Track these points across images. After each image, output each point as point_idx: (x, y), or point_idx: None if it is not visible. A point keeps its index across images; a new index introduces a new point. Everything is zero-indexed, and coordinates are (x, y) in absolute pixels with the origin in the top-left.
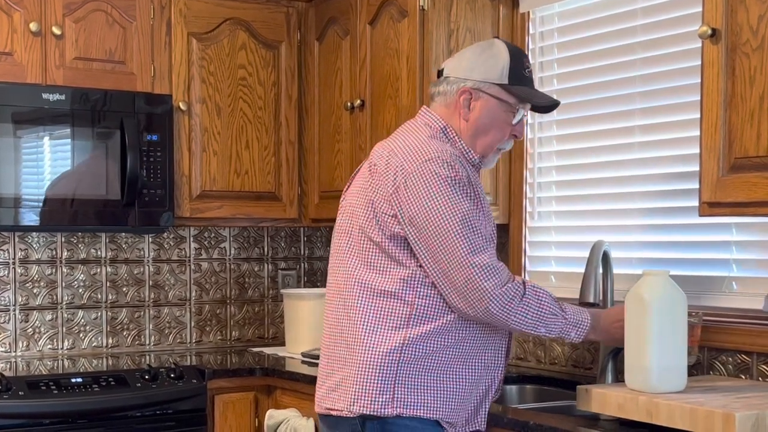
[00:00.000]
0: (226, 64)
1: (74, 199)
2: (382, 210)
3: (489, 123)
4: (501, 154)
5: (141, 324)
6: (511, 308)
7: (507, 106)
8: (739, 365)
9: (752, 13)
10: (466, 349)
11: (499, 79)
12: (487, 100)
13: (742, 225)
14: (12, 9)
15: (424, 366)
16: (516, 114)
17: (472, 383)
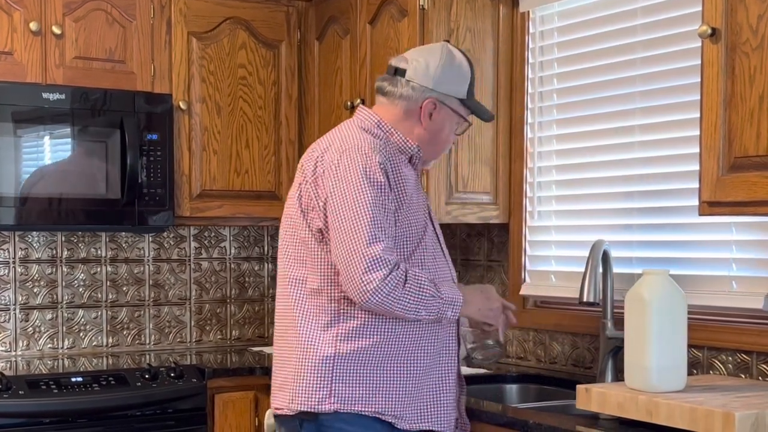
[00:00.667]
0: (226, 64)
1: (74, 198)
2: (307, 205)
3: (443, 132)
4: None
5: (141, 323)
6: (394, 297)
7: (460, 118)
8: (739, 364)
9: (752, 12)
10: (404, 341)
11: (460, 94)
12: (447, 113)
13: (742, 224)
14: (12, 8)
15: (361, 361)
16: (464, 128)
17: (418, 376)
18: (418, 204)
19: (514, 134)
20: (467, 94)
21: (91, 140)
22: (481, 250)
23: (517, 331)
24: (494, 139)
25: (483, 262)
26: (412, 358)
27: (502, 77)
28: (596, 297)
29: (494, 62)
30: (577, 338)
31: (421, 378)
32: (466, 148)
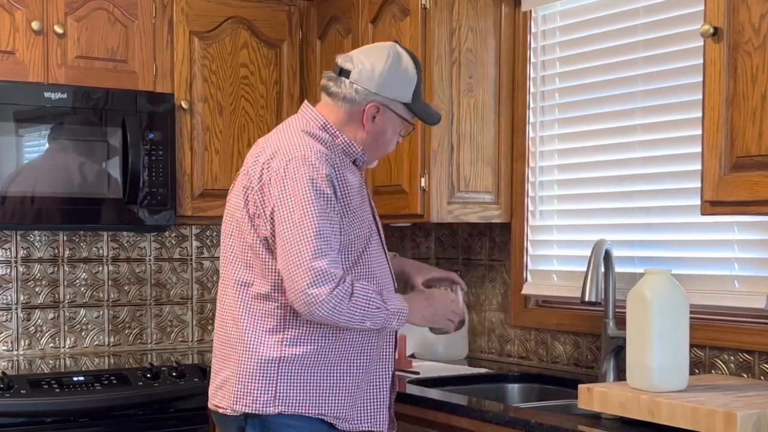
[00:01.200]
0: (228, 63)
1: (76, 197)
2: (254, 212)
3: (386, 135)
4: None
5: (143, 322)
6: (340, 310)
7: (404, 121)
8: (741, 364)
9: (754, 11)
10: (346, 347)
11: (405, 99)
12: (390, 116)
13: (744, 224)
14: (14, 8)
15: (305, 365)
16: (407, 131)
17: (358, 379)
18: (362, 210)
19: (516, 133)
20: (412, 97)
21: (92, 140)
22: (482, 250)
23: (519, 330)
24: (496, 139)
25: (485, 262)
26: (353, 362)
27: (504, 76)
28: (598, 296)
29: (496, 61)
30: (578, 338)
31: (361, 381)
32: (468, 147)
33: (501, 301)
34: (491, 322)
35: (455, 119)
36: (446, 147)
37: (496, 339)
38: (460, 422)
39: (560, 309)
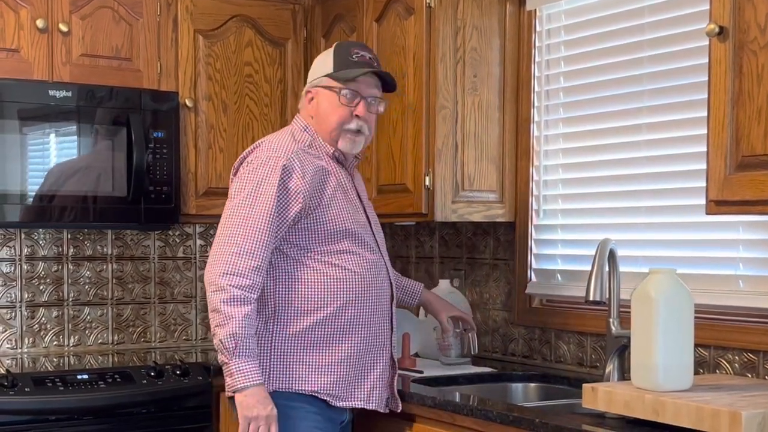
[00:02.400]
0: (233, 61)
1: (80, 196)
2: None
3: (325, 110)
4: (362, 138)
5: (147, 321)
6: (219, 312)
7: (334, 90)
8: (746, 364)
9: (760, 10)
10: (337, 327)
11: (326, 71)
12: (320, 92)
13: (749, 223)
14: (19, 6)
15: (296, 345)
16: (346, 95)
17: (350, 359)
18: (343, 201)
19: (521, 132)
20: (335, 67)
21: (97, 138)
22: (487, 249)
23: (523, 329)
24: (500, 138)
25: (489, 261)
26: (345, 341)
27: (508, 75)
28: (602, 296)
29: (501, 60)
30: (583, 337)
31: (354, 361)
32: (472, 146)
33: (505, 300)
34: (495, 321)
35: (460, 118)
36: (450, 146)
37: (500, 338)
38: (464, 421)
39: (564, 308)
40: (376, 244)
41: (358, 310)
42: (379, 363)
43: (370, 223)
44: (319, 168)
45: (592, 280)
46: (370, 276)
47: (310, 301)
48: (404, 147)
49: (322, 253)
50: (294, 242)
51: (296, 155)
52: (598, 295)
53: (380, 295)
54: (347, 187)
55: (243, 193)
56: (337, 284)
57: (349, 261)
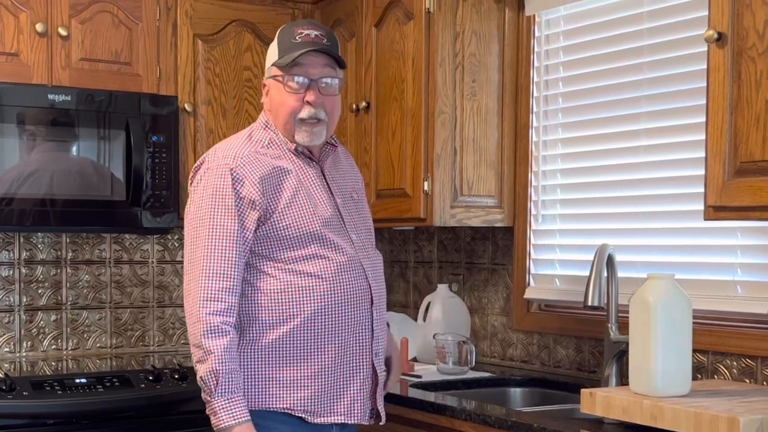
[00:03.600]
0: (232, 66)
1: (79, 199)
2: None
3: (276, 100)
4: (321, 126)
5: (145, 325)
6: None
7: (280, 78)
8: (744, 369)
9: (758, 17)
10: (307, 338)
11: (273, 59)
12: (270, 84)
13: (747, 229)
14: (18, 10)
15: (264, 359)
16: (291, 83)
17: (324, 371)
18: (305, 202)
19: (519, 138)
20: (279, 53)
21: (96, 142)
22: (485, 254)
23: (521, 334)
24: (499, 143)
25: (487, 266)
26: (318, 354)
27: (507, 80)
28: (601, 301)
29: (500, 65)
30: (581, 342)
31: (329, 373)
32: (471, 151)
33: (503, 305)
34: (494, 326)
35: (458, 123)
36: (449, 151)
37: (498, 343)
38: (462, 426)
39: (563, 313)
40: (350, 245)
41: (329, 319)
42: (359, 373)
43: (344, 222)
44: (275, 169)
45: (590, 285)
46: (341, 281)
47: (275, 312)
48: (403, 152)
49: (284, 261)
50: (255, 251)
51: (246, 159)
52: (597, 301)
53: (354, 300)
54: (314, 184)
55: (201, 210)
56: (302, 293)
57: (314, 267)
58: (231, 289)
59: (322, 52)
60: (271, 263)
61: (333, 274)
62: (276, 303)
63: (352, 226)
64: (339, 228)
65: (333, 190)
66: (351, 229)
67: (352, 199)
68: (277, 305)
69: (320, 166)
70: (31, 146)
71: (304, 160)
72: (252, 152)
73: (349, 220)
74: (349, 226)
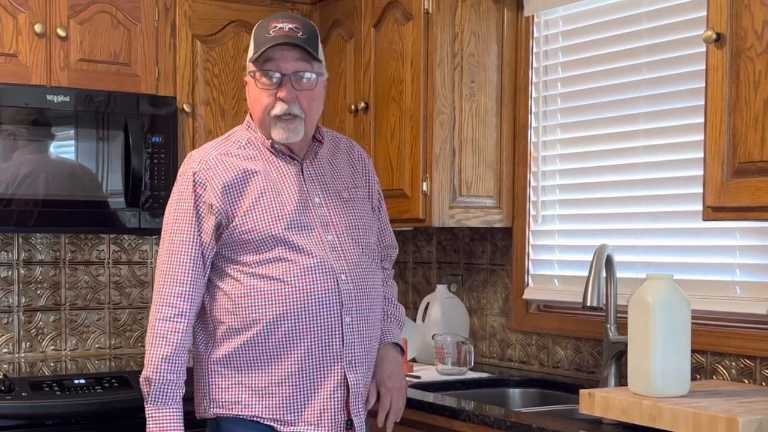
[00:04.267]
0: (231, 67)
1: (78, 200)
2: None
3: (252, 98)
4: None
5: (144, 325)
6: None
7: (253, 73)
8: (743, 370)
9: (757, 17)
10: (272, 344)
11: (251, 57)
12: (248, 79)
13: (746, 230)
14: (17, 10)
15: (231, 365)
16: (262, 78)
17: (293, 378)
18: (271, 204)
19: (518, 138)
20: (255, 49)
21: (95, 142)
22: (484, 254)
23: (520, 335)
24: (498, 143)
25: (486, 266)
26: (284, 359)
27: (506, 81)
28: (600, 301)
29: (498, 66)
30: (580, 343)
31: (297, 379)
32: (470, 152)
33: (502, 306)
34: (492, 327)
35: (457, 123)
36: (448, 151)
37: (497, 343)
38: (461, 427)
39: (562, 314)
40: (320, 247)
41: (294, 323)
42: (328, 381)
43: (318, 222)
44: (241, 172)
45: (589, 285)
46: (304, 284)
47: (239, 317)
48: (402, 152)
49: (248, 264)
50: (221, 254)
51: (211, 164)
52: (596, 301)
53: (319, 303)
54: (286, 184)
55: (167, 215)
56: (264, 297)
57: (276, 270)
58: (183, 294)
59: (295, 45)
60: (236, 266)
61: (295, 277)
62: (239, 307)
63: (329, 227)
64: (309, 229)
65: (309, 190)
66: (326, 229)
67: (340, 198)
68: (241, 309)
69: (301, 165)
70: (29, 147)
71: (281, 158)
72: (221, 155)
73: (325, 221)
74: (324, 226)
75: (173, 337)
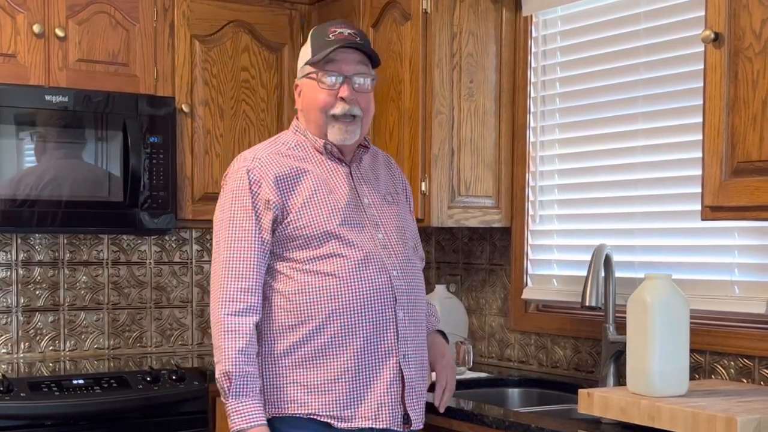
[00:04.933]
0: (229, 67)
1: (77, 200)
2: None
3: (308, 98)
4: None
5: (143, 326)
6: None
7: (314, 75)
8: (741, 369)
9: (755, 17)
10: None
11: (306, 59)
12: (303, 83)
13: (745, 229)
14: (15, 11)
15: (285, 362)
16: (325, 79)
17: (348, 374)
18: (324, 201)
19: (517, 138)
20: (313, 52)
21: (93, 143)
22: (483, 254)
23: (519, 334)
24: (496, 143)
25: (485, 266)
26: (340, 355)
27: (504, 81)
28: (598, 301)
29: (497, 66)
30: (579, 342)
31: (353, 375)
32: (469, 152)
33: (501, 306)
34: (491, 327)
35: (456, 123)
36: (447, 151)
37: (496, 343)
38: (460, 427)
39: (560, 313)
40: (372, 243)
41: (348, 319)
42: (384, 375)
43: (368, 221)
44: (293, 169)
45: (588, 285)
46: (359, 278)
47: (293, 314)
48: (401, 152)
49: (300, 261)
50: (272, 251)
51: (264, 161)
52: (594, 301)
53: (374, 298)
54: (337, 183)
55: (222, 213)
56: (319, 293)
57: (330, 266)
58: (249, 289)
59: (357, 49)
60: (287, 264)
61: (351, 272)
62: (294, 304)
63: (379, 226)
64: (361, 227)
65: (359, 191)
66: (377, 228)
67: (386, 200)
68: (295, 306)
69: (349, 167)
70: (27, 147)
71: (331, 160)
72: (272, 153)
73: (375, 220)
74: (374, 225)
75: (245, 330)
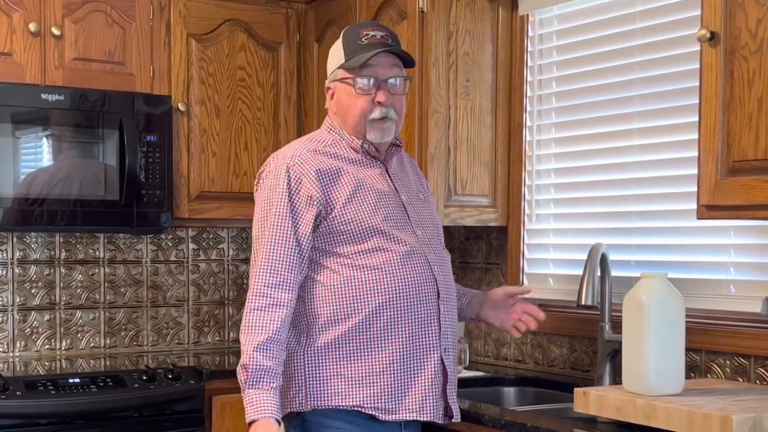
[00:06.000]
0: (226, 66)
1: (73, 199)
2: None
3: (345, 104)
4: (391, 124)
5: (139, 325)
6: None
7: (348, 81)
8: (737, 368)
9: (751, 16)
10: (372, 333)
11: (339, 62)
12: (337, 86)
13: (740, 228)
14: (11, 9)
15: (330, 354)
16: (362, 84)
17: (392, 366)
18: (367, 197)
19: (513, 137)
20: (346, 55)
21: (89, 141)
22: (479, 253)
23: None
24: (493, 142)
25: (481, 265)
26: (385, 348)
27: (500, 80)
28: (594, 300)
29: (493, 65)
30: (575, 341)
31: (398, 368)
32: (465, 151)
33: None
34: (487, 326)
35: (452, 122)
36: (443, 150)
37: (492, 342)
38: (456, 425)
39: (556, 312)
40: (414, 239)
41: (394, 312)
42: (428, 368)
43: (408, 217)
44: (333, 165)
45: (584, 284)
46: (405, 272)
47: (339, 308)
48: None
49: (346, 255)
50: (316, 246)
51: (303, 157)
52: (590, 300)
53: (419, 292)
54: (377, 181)
55: (262, 212)
56: (365, 287)
57: (376, 259)
58: (279, 285)
59: (391, 53)
60: (332, 258)
61: (396, 266)
62: (339, 298)
63: (418, 222)
64: (403, 223)
65: (398, 188)
66: (416, 224)
67: (419, 198)
68: (341, 300)
69: (384, 165)
70: (23, 146)
71: (368, 159)
72: (309, 150)
73: (414, 217)
74: (414, 221)
75: (266, 325)
